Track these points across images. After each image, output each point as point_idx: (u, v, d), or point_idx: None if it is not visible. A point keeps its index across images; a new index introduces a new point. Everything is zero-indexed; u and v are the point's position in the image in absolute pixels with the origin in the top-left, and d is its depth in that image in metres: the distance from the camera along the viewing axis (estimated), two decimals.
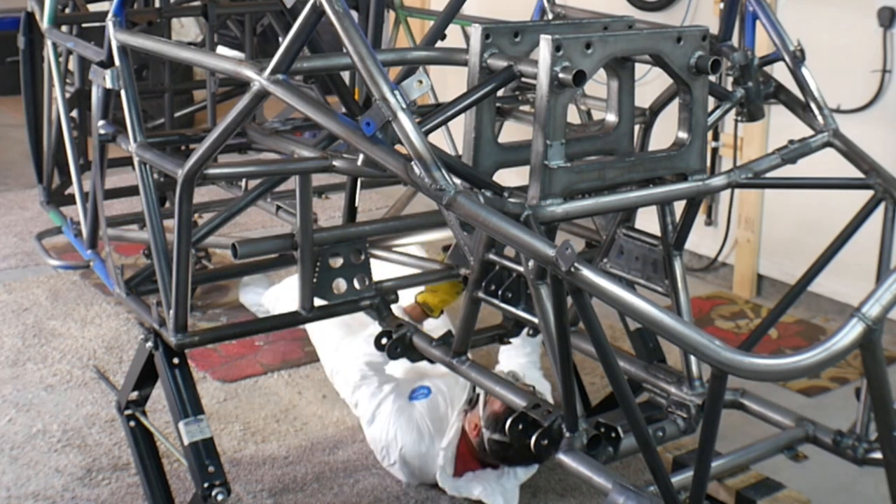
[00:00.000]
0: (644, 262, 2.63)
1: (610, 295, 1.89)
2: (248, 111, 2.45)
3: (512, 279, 2.52)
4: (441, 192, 2.08)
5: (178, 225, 2.65)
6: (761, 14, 2.87)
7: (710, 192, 2.49)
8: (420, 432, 3.41)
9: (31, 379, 4.16)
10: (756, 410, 2.62)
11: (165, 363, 2.92)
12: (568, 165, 2.16)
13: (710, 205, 5.30)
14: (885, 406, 2.07)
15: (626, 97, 2.37)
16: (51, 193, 4.05)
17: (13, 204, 6.23)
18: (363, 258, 2.92)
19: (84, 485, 3.47)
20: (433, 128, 2.23)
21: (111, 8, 2.93)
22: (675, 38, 2.26)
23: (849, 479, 3.41)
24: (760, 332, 2.80)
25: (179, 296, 2.74)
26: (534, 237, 2.00)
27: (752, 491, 3.30)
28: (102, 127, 3.06)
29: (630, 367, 2.67)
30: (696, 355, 1.85)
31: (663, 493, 2.11)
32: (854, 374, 4.24)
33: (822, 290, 4.74)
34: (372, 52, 2.18)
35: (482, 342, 2.89)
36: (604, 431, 2.25)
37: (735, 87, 2.86)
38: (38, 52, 4.03)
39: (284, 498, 3.43)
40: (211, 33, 4.42)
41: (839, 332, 1.79)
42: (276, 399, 4.05)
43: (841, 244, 2.67)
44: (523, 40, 2.32)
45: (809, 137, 2.70)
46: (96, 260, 3.46)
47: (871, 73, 4.54)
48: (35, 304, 4.84)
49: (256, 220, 5.63)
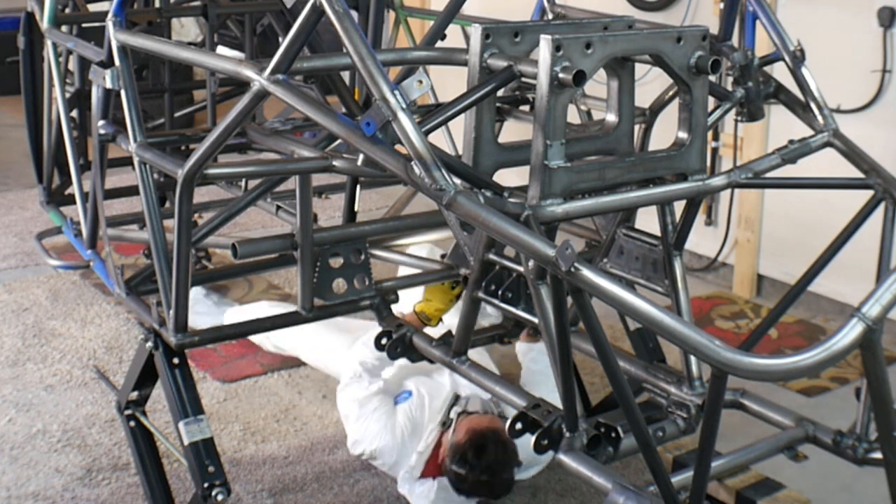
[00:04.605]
0: (644, 262, 2.63)
1: (610, 295, 1.89)
2: (248, 111, 2.45)
3: (512, 279, 2.52)
4: (441, 192, 2.08)
5: (178, 225, 2.65)
6: (761, 14, 2.87)
7: (710, 192, 2.49)
8: (394, 435, 3.43)
9: (31, 379, 4.16)
10: (756, 410, 2.62)
11: (165, 363, 2.92)
12: (568, 165, 2.16)
13: (710, 205, 5.30)
14: (885, 406, 2.07)
15: (626, 97, 2.37)
16: (51, 193, 4.05)
17: (13, 204, 6.23)
18: (363, 258, 2.92)
19: (84, 485, 3.47)
20: (433, 128, 2.23)
21: (111, 8, 2.93)
22: (675, 38, 2.26)
23: (849, 479, 3.41)
24: (760, 332, 2.80)
25: (179, 296, 2.74)
26: (534, 237, 2.00)
27: (752, 491, 3.30)
28: (102, 127, 3.06)
29: (630, 367, 2.67)
30: (696, 355, 1.86)
31: (663, 493, 2.11)
32: (854, 374, 4.24)
33: (822, 290, 4.74)
34: (372, 52, 2.18)
35: (482, 342, 2.89)
36: (604, 431, 2.25)
37: (735, 87, 2.86)
38: (38, 52, 4.03)
39: (284, 498, 3.43)
40: (211, 33, 4.42)
41: (839, 332, 1.79)
42: (276, 399, 4.05)
43: (841, 244, 2.67)
44: (523, 40, 2.32)
45: (809, 137, 2.70)
46: (96, 260, 3.46)
47: (871, 73, 4.54)
48: (35, 304, 4.84)
49: (256, 220, 5.63)
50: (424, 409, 3.47)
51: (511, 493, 3.45)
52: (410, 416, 3.46)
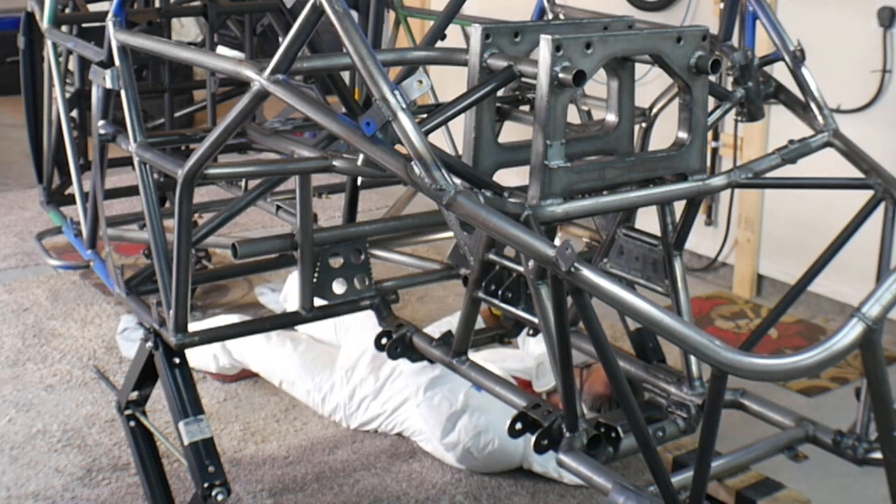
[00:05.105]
0: (644, 262, 2.63)
1: (610, 295, 1.89)
2: (248, 111, 2.45)
3: (512, 279, 2.52)
4: (441, 192, 2.08)
5: (178, 225, 2.65)
6: (761, 14, 2.87)
7: (710, 192, 2.49)
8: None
9: (31, 379, 4.16)
10: (756, 410, 2.62)
11: (165, 363, 2.92)
12: (568, 165, 2.16)
13: (710, 205, 5.30)
14: (885, 406, 2.07)
15: (626, 97, 2.37)
16: (51, 193, 4.05)
17: (13, 204, 6.23)
18: (363, 258, 2.92)
19: (84, 485, 3.47)
20: (433, 128, 2.23)
21: (111, 8, 2.93)
22: (675, 38, 2.26)
23: (849, 479, 3.41)
24: (760, 332, 2.80)
25: (179, 296, 2.74)
26: (534, 237, 2.00)
27: (752, 491, 3.30)
28: (102, 127, 3.05)
29: (630, 367, 2.67)
30: (696, 355, 1.85)
31: (663, 493, 2.11)
32: (854, 374, 4.24)
33: (822, 290, 4.74)
34: (372, 52, 2.18)
35: (482, 342, 2.89)
36: (604, 431, 2.25)
37: (735, 87, 2.86)
38: (38, 52, 4.03)
39: (284, 498, 3.43)
40: (211, 33, 4.42)
41: (839, 332, 1.79)
42: (276, 399, 4.05)
43: (841, 244, 2.67)
44: (523, 40, 2.32)
45: (809, 137, 2.70)
46: (96, 260, 3.46)
47: (871, 73, 4.54)
48: (35, 304, 4.84)
49: (256, 220, 5.63)
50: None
51: (511, 494, 3.46)
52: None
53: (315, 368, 3.92)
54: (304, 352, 3.98)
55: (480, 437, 3.49)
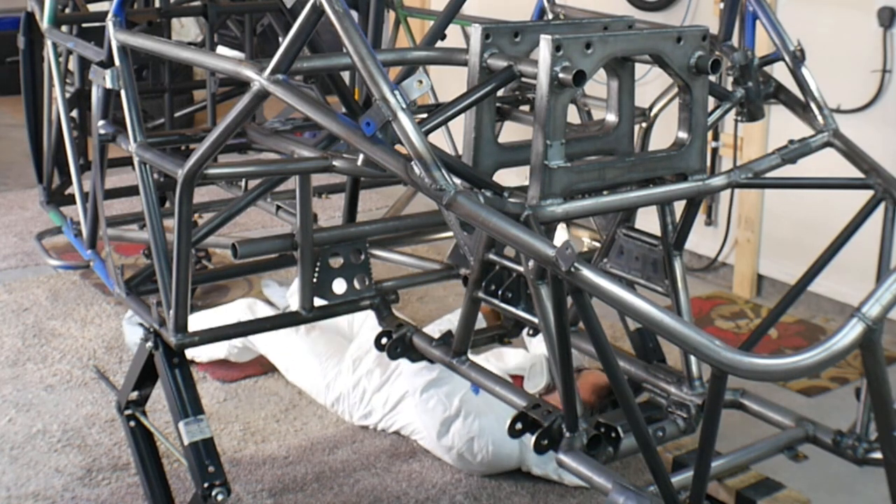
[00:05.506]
0: (644, 262, 2.63)
1: (610, 295, 1.89)
2: (248, 111, 2.45)
3: (512, 279, 2.52)
4: (441, 192, 2.08)
5: (178, 225, 2.65)
6: (761, 14, 2.87)
7: (710, 192, 2.49)
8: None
9: (31, 379, 4.16)
10: (756, 410, 2.62)
11: (165, 363, 2.92)
12: (568, 165, 2.16)
13: (710, 205, 5.30)
14: (885, 406, 2.07)
15: (626, 97, 2.37)
16: (51, 193, 4.05)
17: (13, 204, 6.23)
18: (363, 258, 2.92)
19: (84, 485, 3.47)
20: (433, 128, 2.23)
21: (111, 8, 2.93)
22: (675, 38, 2.26)
23: (849, 479, 3.41)
24: (760, 332, 2.80)
25: (179, 296, 2.74)
26: (534, 237, 2.00)
27: (752, 491, 3.30)
28: (102, 127, 3.05)
29: (630, 367, 2.67)
30: (696, 355, 1.85)
31: (663, 493, 2.11)
32: (854, 374, 4.24)
33: (822, 290, 4.74)
34: (372, 52, 2.18)
35: (482, 342, 2.89)
36: (604, 431, 2.25)
37: (735, 87, 2.86)
38: (38, 52, 4.03)
39: (284, 498, 3.43)
40: (211, 33, 4.42)
41: (839, 332, 1.79)
42: (276, 399, 4.05)
43: (841, 244, 2.67)
44: (523, 40, 2.32)
45: (809, 137, 2.70)
46: (96, 260, 3.46)
47: (871, 73, 4.54)
48: (35, 304, 4.84)
49: (256, 220, 5.63)
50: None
51: (511, 494, 3.46)
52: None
53: (324, 354, 3.93)
54: (316, 338, 4.00)
55: (474, 442, 3.49)
